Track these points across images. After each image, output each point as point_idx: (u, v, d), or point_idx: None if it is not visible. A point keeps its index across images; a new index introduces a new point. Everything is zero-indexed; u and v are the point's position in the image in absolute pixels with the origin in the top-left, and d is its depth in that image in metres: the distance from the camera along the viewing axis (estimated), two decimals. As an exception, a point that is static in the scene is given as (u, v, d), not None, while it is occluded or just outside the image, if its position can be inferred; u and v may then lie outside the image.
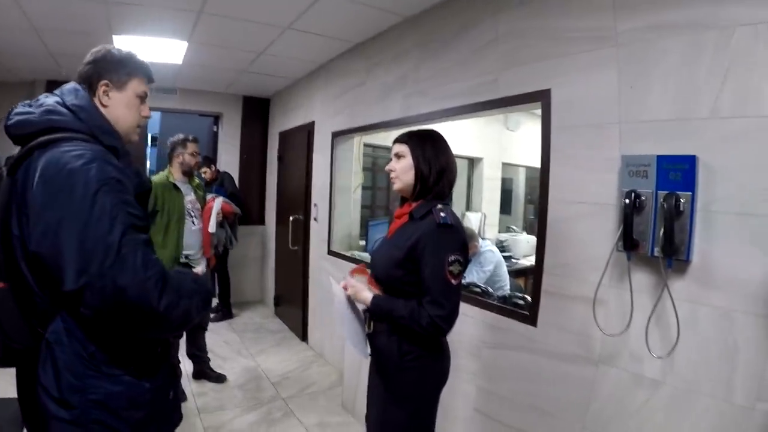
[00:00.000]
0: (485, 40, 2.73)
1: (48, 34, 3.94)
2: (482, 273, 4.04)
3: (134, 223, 1.22)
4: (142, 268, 1.16)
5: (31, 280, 1.23)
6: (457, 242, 1.78)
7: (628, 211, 1.85)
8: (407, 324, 1.76)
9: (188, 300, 1.26)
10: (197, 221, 3.76)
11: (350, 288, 1.93)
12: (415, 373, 1.87)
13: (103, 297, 1.12)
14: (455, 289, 1.77)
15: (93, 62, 1.44)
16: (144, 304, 1.15)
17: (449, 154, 1.93)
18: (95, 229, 1.15)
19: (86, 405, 1.23)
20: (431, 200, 1.85)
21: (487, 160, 5.80)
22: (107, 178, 1.21)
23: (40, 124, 1.29)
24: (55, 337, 1.23)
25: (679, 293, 1.76)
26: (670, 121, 1.82)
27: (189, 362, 4.13)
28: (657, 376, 1.83)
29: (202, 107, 6.57)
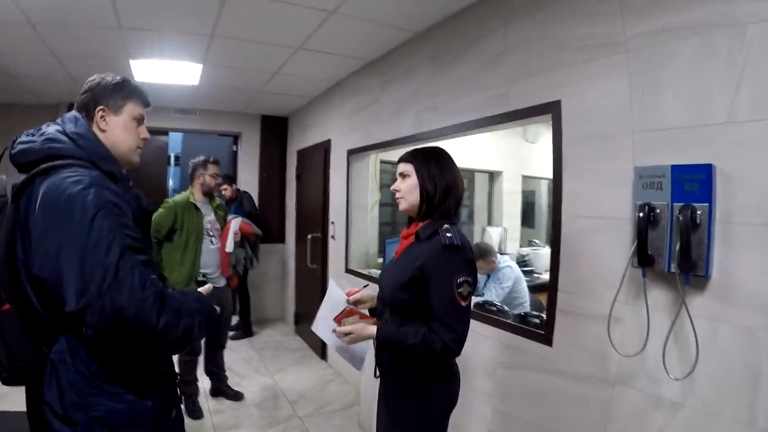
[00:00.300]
0: (494, 52, 2.68)
1: (67, 60, 4.04)
2: (501, 290, 3.94)
3: (131, 245, 1.25)
4: (140, 288, 1.19)
5: (36, 302, 1.27)
6: (464, 263, 1.71)
7: (642, 226, 1.76)
8: (421, 352, 1.68)
9: (189, 319, 1.29)
10: (216, 241, 3.82)
11: (347, 336, 1.82)
12: (420, 398, 1.79)
13: (102, 317, 1.15)
14: (465, 310, 1.70)
15: (89, 90, 1.50)
16: (142, 323, 1.18)
17: (455, 171, 1.87)
18: (93, 252, 1.18)
19: (89, 422, 1.27)
20: (437, 220, 1.79)
21: (506, 174, 5.71)
22: (104, 202, 1.25)
23: (41, 152, 1.35)
24: (59, 357, 1.27)
25: (698, 311, 1.66)
26: (684, 128, 1.74)
27: (207, 379, 4.14)
28: (676, 398, 1.72)
29: (222, 127, 6.65)
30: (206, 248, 3.74)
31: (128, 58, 4.04)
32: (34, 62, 4.13)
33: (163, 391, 1.45)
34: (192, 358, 3.79)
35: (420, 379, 1.78)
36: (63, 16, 3.17)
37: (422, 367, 1.76)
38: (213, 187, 3.83)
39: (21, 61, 4.12)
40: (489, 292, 4.03)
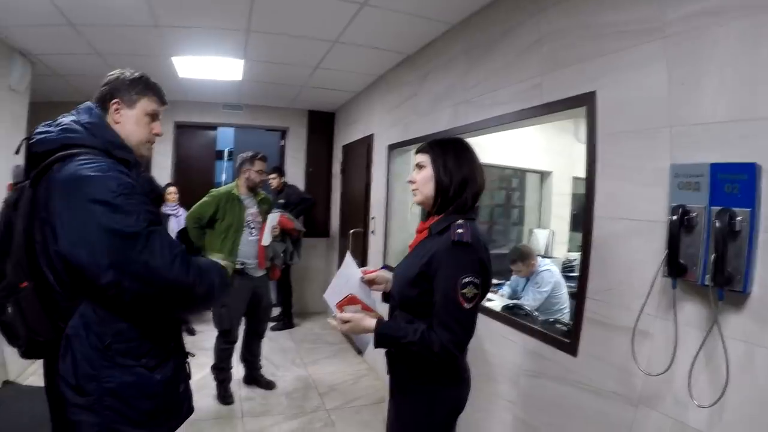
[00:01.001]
0: (528, 42, 2.52)
1: (112, 58, 4.17)
2: (538, 294, 3.76)
3: (152, 219, 1.39)
4: (168, 249, 1.35)
5: (52, 279, 1.37)
6: (472, 262, 1.59)
7: (675, 231, 1.58)
8: (418, 350, 1.58)
9: (208, 276, 1.46)
10: (255, 233, 3.89)
11: (345, 325, 1.75)
12: (425, 398, 1.71)
13: (140, 280, 1.31)
14: (468, 313, 1.57)
15: (107, 84, 1.61)
16: (176, 279, 1.35)
17: (474, 163, 1.74)
18: (122, 225, 1.31)
19: (100, 392, 1.37)
20: (452, 214, 1.68)
21: (556, 174, 5.47)
22: (125, 182, 1.37)
23: (57, 141, 1.43)
24: (74, 331, 1.37)
25: (732, 331, 1.46)
26: (727, 123, 1.53)
27: (242, 366, 4.20)
28: (702, 427, 1.53)
29: (269, 122, 6.73)
30: (245, 239, 3.81)
31: (170, 55, 4.13)
32: (81, 62, 4.30)
33: (172, 366, 1.54)
34: (228, 347, 3.86)
35: (427, 379, 1.70)
36: (100, 16, 3.27)
37: (429, 368, 1.66)
38: (258, 183, 3.89)
39: (68, 61, 4.30)
40: (527, 295, 3.85)
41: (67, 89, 5.20)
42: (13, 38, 3.69)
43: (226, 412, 3.67)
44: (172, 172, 6.25)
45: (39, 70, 4.38)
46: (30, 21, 3.34)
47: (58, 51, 4.01)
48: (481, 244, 1.63)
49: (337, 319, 1.77)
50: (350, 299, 1.81)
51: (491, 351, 2.68)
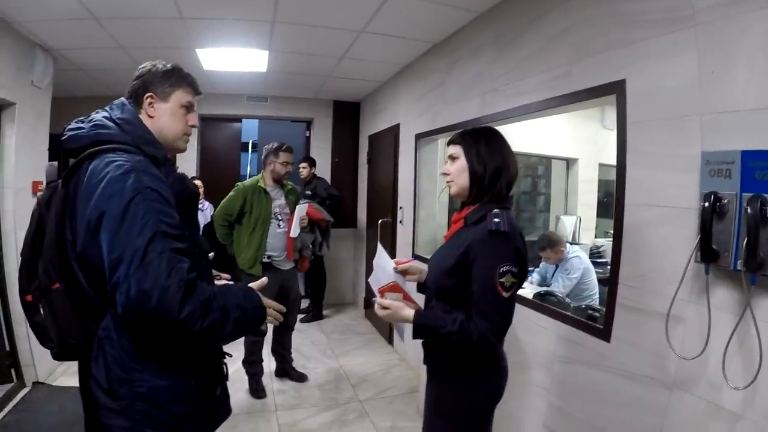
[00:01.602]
0: (557, 30, 2.53)
1: (135, 51, 4.21)
2: (568, 280, 3.78)
3: (165, 230, 1.25)
4: (165, 275, 1.19)
5: (83, 281, 1.33)
6: (510, 251, 1.61)
7: (707, 217, 1.60)
8: (457, 341, 1.61)
9: (220, 313, 1.26)
10: (283, 224, 3.91)
11: (384, 311, 1.79)
12: (464, 388, 1.74)
13: (127, 299, 1.17)
14: (506, 302, 1.59)
15: (139, 77, 1.54)
16: (163, 309, 1.17)
17: (506, 151, 1.77)
18: (125, 235, 1.21)
19: (133, 397, 1.31)
20: (488, 203, 1.70)
21: (582, 161, 5.44)
22: (143, 187, 1.27)
23: (88, 138, 1.40)
24: (105, 334, 1.32)
25: (765, 314, 1.49)
26: (758, 110, 1.55)
27: (273, 360, 4.27)
28: (737, 409, 1.56)
29: (294, 113, 6.77)
30: (273, 232, 3.84)
31: (194, 47, 4.15)
32: (104, 56, 4.32)
33: (208, 368, 1.49)
34: (258, 339, 3.90)
35: (465, 369, 1.73)
36: (124, 9, 3.29)
37: (467, 357, 1.69)
38: (283, 174, 3.89)
39: (91, 55, 4.32)
40: (556, 282, 3.88)
41: (90, 84, 5.25)
42: (34, 33, 3.72)
43: (259, 406, 3.73)
44: (197, 165, 6.30)
45: (61, 65, 4.39)
46: (52, 15, 3.35)
47: (80, 45, 4.01)
48: (517, 232, 1.66)
49: (377, 304, 1.82)
50: (393, 287, 1.84)
51: (524, 339, 2.72)
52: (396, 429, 3.46)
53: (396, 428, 3.47)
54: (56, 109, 4.28)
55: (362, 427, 3.47)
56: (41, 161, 4.03)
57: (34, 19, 3.42)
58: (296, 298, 4.19)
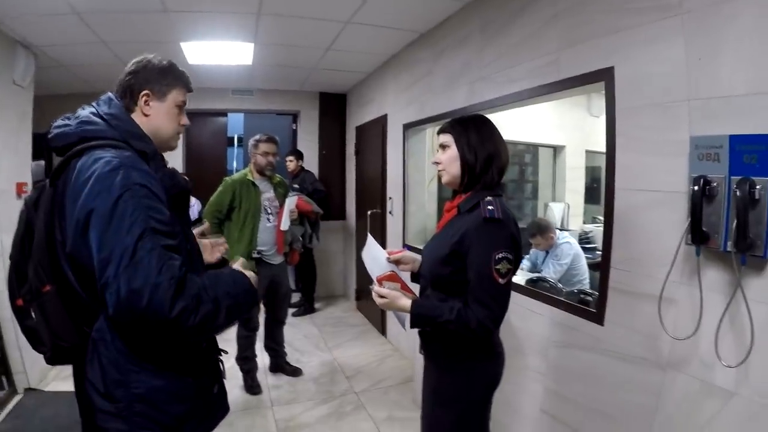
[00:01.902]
0: (545, 17, 2.55)
1: (118, 47, 4.14)
2: (559, 266, 3.83)
3: (155, 227, 1.22)
4: (156, 272, 1.16)
5: (74, 282, 1.30)
6: (504, 238, 1.63)
7: (697, 200, 1.64)
8: (455, 329, 1.63)
9: (211, 305, 1.24)
10: (273, 218, 3.88)
11: (382, 300, 1.80)
12: (463, 375, 1.76)
13: (117, 298, 1.14)
14: (503, 288, 1.62)
15: (134, 73, 1.49)
16: (155, 308, 1.14)
17: (497, 138, 1.79)
18: (114, 233, 1.18)
19: (130, 398, 1.29)
20: (480, 191, 1.72)
21: (570, 148, 5.49)
22: (131, 183, 1.24)
23: (75, 135, 1.36)
24: (99, 335, 1.29)
25: (755, 294, 1.53)
26: (744, 95, 1.58)
27: (266, 355, 4.26)
28: (729, 387, 1.61)
29: (280, 106, 6.73)
30: (263, 226, 3.80)
31: (178, 41, 4.10)
32: (85, 51, 4.24)
33: (204, 366, 1.47)
34: (250, 334, 3.88)
35: (463, 357, 1.75)
36: (106, 3, 3.22)
37: (465, 345, 1.72)
38: (264, 165, 3.83)
39: (73, 51, 4.23)
40: (547, 268, 3.93)
41: (72, 81, 5.16)
42: (15, 30, 3.63)
43: (254, 402, 3.72)
44: (183, 161, 6.22)
45: (42, 62, 4.29)
46: (33, 11, 3.28)
47: (62, 42, 3.94)
48: (511, 219, 1.68)
49: (375, 293, 1.83)
50: (390, 276, 1.84)
51: (518, 324, 2.76)
52: (392, 419, 3.49)
53: (392, 419, 3.50)
54: (38, 108, 4.19)
55: (359, 419, 3.49)
56: (25, 162, 3.96)
57: (14, 15, 3.34)
58: (287, 292, 4.18)
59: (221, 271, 1.45)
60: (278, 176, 4.11)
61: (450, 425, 1.78)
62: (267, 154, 3.82)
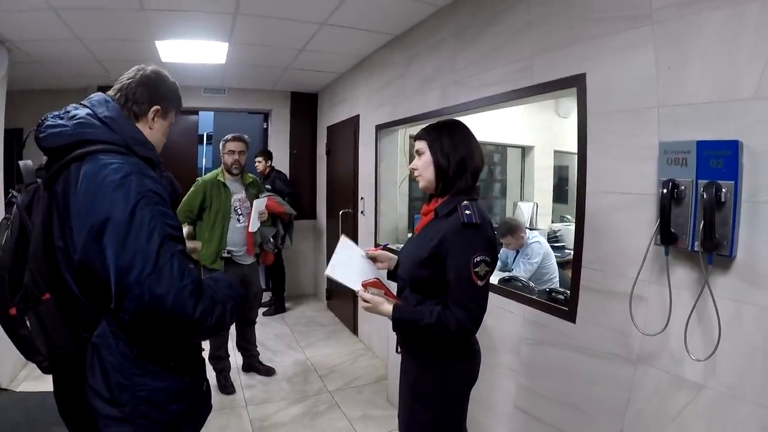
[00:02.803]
0: (519, 24, 2.61)
1: (93, 44, 4.08)
2: (529, 265, 3.92)
3: (171, 233, 1.26)
4: (179, 277, 1.21)
5: (76, 289, 1.28)
6: (482, 241, 1.69)
7: (666, 203, 1.73)
8: (436, 331, 1.68)
9: (222, 306, 1.30)
10: (243, 219, 3.86)
11: (365, 304, 1.85)
12: (440, 373, 1.81)
13: (140, 304, 1.17)
14: (481, 290, 1.68)
15: (146, 85, 1.49)
16: (180, 312, 1.20)
17: (470, 143, 1.83)
18: (135, 240, 1.20)
19: (135, 402, 1.30)
20: (456, 196, 1.77)
21: (538, 149, 5.63)
22: (145, 191, 1.26)
23: (73, 137, 1.32)
24: (101, 341, 1.29)
25: (722, 291, 1.62)
26: (711, 103, 1.67)
27: (239, 355, 4.25)
28: (698, 380, 1.70)
29: (251, 105, 6.69)
30: (233, 226, 3.80)
31: (153, 39, 4.06)
32: (60, 48, 4.18)
33: (196, 365, 1.50)
34: (222, 333, 3.84)
35: (440, 355, 1.80)
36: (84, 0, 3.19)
37: (444, 344, 1.77)
38: (230, 164, 3.82)
39: (47, 47, 4.16)
40: (518, 267, 4.02)
41: (46, 76, 5.08)
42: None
43: (228, 401, 3.70)
44: (155, 158, 6.11)
45: (16, 58, 4.23)
46: (8, 6, 3.22)
47: (37, 37, 3.87)
48: (487, 222, 1.73)
49: (360, 297, 1.87)
50: (374, 283, 1.89)
51: (491, 323, 2.81)
52: (367, 418, 3.52)
53: (367, 417, 3.52)
54: (10, 103, 4.09)
55: (333, 418, 3.51)
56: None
57: (-13, 10, 3.27)
58: (257, 292, 4.18)
59: (217, 276, 1.48)
60: (251, 176, 4.10)
61: (428, 422, 1.83)
62: (233, 152, 3.82)
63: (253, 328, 4.24)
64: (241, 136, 3.89)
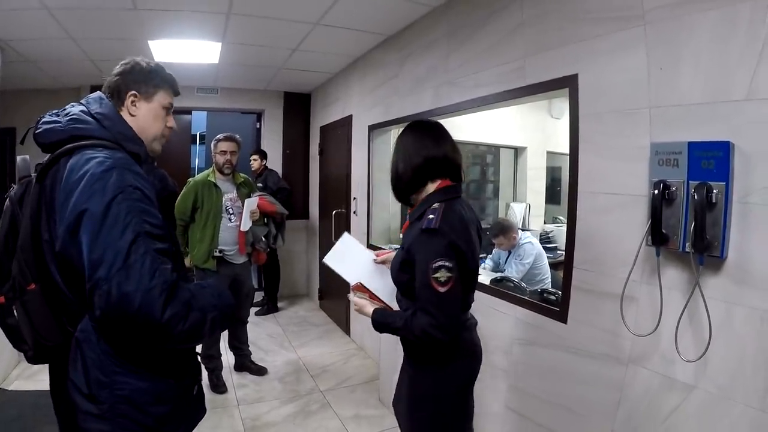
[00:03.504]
0: (512, 25, 2.62)
1: (86, 43, 4.08)
2: (521, 266, 3.93)
3: (149, 231, 1.23)
4: (149, 276, 1.16)
5: (60, 281, 1.29)
6: (441, 247, 1.62)
7: (657, 203, 1.73)
8: (404, 335, 1.71)
9: (199, 313, 1.25)
10: (234, 218, 3.86)
11: (355, 305, 1.90)
12: (433, 372, 1.80)
13: (108, 301, 1.14)
14: (444, 296, 1.60)
15: (121, 74, 1.50)
16: (146, 312, 1.14)
17: (403, 149, 1.84)
18: (107, 235, 1.17)
19: (114, 400, 1.28)
20: (426, 199, 1.78)
21: (531, 149, 5.63)
22: (125, 186, 1.24)
23: (65, 132, 1.34)
24: (84, 336, 1.28)
25: (712, 292, 1.62)
26: (703, 104, 1.68)
27: (231, 354, 4.24)
28: (689, 380, 1.70)
29: (244, 105, 6.67)
30: (224, 225, 3.80)
31: (146, 38, 4.06)
32: (53, 47, 4.17)
33: (185, 368, 1.46)
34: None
35: (437, 355, 1.77)
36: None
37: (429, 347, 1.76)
38: (222, 164, 3.84)
39: (41, 46, 4.15)
40: (510, 268, 4.02)
41: (38, 76, 5.07)
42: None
43: (220, 401, 3.69)
44: (148, 158, 6.09)
45: (9, 57, 4.21)
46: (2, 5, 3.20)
47: (30, 36, 3.86)
48: (455, 225, 1.67)
49: (351, 300, 1.92)
50: (358, 287, 1.91)
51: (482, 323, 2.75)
52: (359, 417, 3.51)
53: (359, 417, 3.52)
54: (3, 102, 4.14)
55: (325, 417, 3.50)
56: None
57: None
58: (249, 291, 4.17)
59: (206, 283, 1.44)
60: (243, 176, 4.10)
61: (427, 423, 1.82)
62: (224, 152, 3.83)
63: (245, 327, 4.24)
64: (232, 136, 3.89)
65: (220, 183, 3.82)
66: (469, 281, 1.78)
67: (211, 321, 1.30)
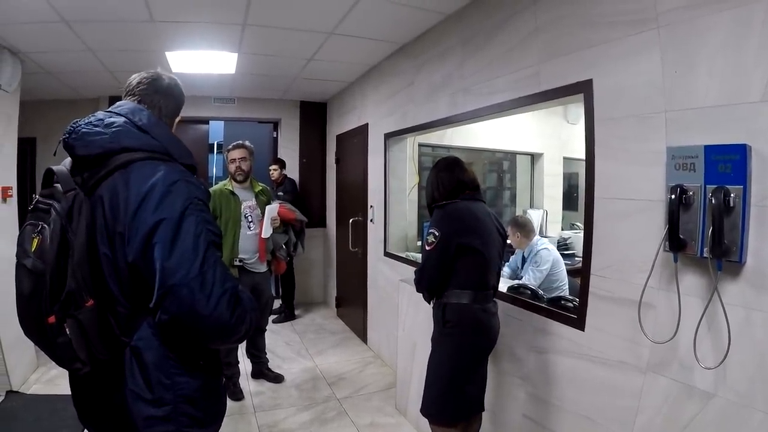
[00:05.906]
0: (525, 32, 2.61)
1: (104, 55, 4.16)
2: (538, 272, 3.89)
3: (214, 240, 1.32)
4: (221, 283, 1.26)
5: (119, 294, 1.30)
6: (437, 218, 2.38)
7: (674, 208, 1.71)
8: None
9: (249, 315, 1.35)
10: (254, 226, 3.87)
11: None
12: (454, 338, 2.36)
13: (180, 306, 1.21)
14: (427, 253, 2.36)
15: (173, 96, 1.57)
16: (218, 317, 1.24)
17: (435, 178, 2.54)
18: (182, 243, 1.24)
19: (176, 401, 1.34)
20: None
21: (547, 156, 5.60)
22: (192, 197, 1.31)
23: (114, 144, 1.33)
24: (143, 343, 1.31)
25: (731, 298, 1.59)
26: (719, 107, 1.65)
27: (248, 362, 4.27)
28: (708, 388, 1.67)
29: (261, 114, 6.73)
30: (243, 233, 3.81)
31: (164, 50, 4.12)
32: (72, 59, 4.25)
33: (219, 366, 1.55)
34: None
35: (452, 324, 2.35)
36: (96, 12, 3.24)
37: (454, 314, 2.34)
38: (233, 171, 3.88)
39: (60, 58, 4.24)
40: (527, 274, 3.98)
41: (57, 87, 5.17)
42: (2, 36, 3.64)
43: (237, 408, 3.70)
44: (167, 167, 6.15)
45: (28, 68, 4.29)
46: (21, 18, 3.28)
47: (49, 48, 3.94)
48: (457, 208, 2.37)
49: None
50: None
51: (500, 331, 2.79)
52: (375, 425, 3.50)
53: (375, 425, 3.50)
54: (22, 113, 4.17)
55: (342, 425, 3.50)
56: (10, 166, 3.97)
57: (2, 22, 3.35)
58: (268, 300, 4.18)
59: None
60: (261, 184, 4.12)
61: (444, 359, 2.38)
62: (234, 160, 3.87)
63: (263, 335, 4.27)
64: (242, 143, 3.92)
65: (237, 191, 3.84)
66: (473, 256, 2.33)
67: (251, 322, 1.38)
